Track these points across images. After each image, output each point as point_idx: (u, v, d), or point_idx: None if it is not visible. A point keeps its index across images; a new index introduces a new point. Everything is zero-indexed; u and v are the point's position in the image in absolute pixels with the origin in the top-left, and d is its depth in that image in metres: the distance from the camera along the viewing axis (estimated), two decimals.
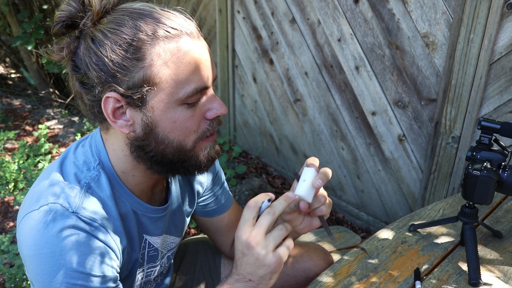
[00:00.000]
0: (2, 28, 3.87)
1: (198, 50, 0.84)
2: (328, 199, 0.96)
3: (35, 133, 3.19)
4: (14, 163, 2.77)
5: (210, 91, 0.89)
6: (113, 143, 0.92)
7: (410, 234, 1.27)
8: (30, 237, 0.83)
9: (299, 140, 2.74)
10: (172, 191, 1.08)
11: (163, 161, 0.89)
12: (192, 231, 2.45)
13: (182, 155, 0.89)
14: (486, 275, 1.11)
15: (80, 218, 0.84)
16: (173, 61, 0.81)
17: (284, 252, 0.84)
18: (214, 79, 0.90)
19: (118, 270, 0.92)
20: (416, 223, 1.29)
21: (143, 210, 0.97)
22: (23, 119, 3.74)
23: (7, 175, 2.66)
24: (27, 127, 3.61)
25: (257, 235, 0.82)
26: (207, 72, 0.86)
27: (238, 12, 2.79)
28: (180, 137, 0.87)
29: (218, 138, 3.22)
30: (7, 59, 4.73)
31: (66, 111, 3.83)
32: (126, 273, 0.99)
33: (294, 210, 0.95)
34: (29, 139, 3.39)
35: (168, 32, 0.81)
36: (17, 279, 1.85)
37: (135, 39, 0.79)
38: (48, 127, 3.54)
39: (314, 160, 0.93)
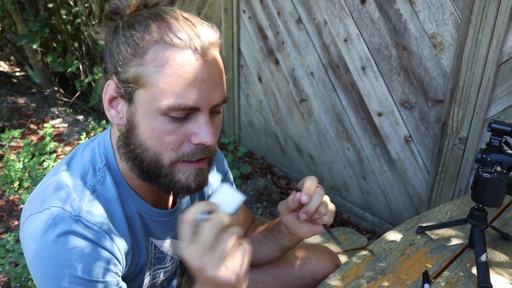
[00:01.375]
0: (7, 27, 3.88)
1: (197, 68, 0.80)
2: (330, 207, 0.98)
3: (41, 132, 3.20)
4: (19, 161, 2.77)
5: (203, 115, 0.82)
6: (115, 140, 0.91)
7: (418, 236, 1.26)
8: (31, 240, 0.83)
9: (304, 140, 2.73)
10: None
11: (141, 167, 0.86)
12: None
13: (157, 169, 0.85)
14: (495, 278, 1.10)
15: (82, 223, 0.83)
16: (165, 69, 0.79)
17: (236, 265, 0.74)
18: (217, 105, 0.85)
19: (120, 274, 0.91)
20: (424, 225, 1.29)
21: (148, 213, 0.96)
22: (28, 118, 3.74)
23: (12, 173, 2.66)
24: (32, 126, 3.61)
25: (199, 254, 0.72)
26: (201, 93, 0.81)
27: (244, 11, 2.78)
28: (157, 148, 0.83)
29: (223, 138, 3.21)
30: (12, 58, 4.74)
31: (71, 110, 3.83)
32: (133, 276, 0.99)
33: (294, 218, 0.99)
34: (34, 138, 3.40)
35: (172, 40, 0.79)
36: (23, 279, 1.85)
37: (140, 36, 0.80)
38: (53, 126, 3.54)
39: (312, 180, 0.97)
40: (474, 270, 1.13)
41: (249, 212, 1.29)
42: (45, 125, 3.18)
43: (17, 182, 2.67)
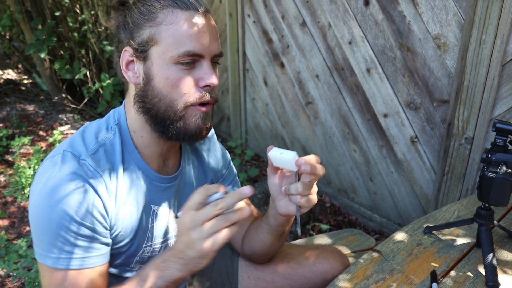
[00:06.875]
0: (15, 35, 3.93)
1: (200, 23, 0.96)
2: (312, 191, 0.97)
3: (50, 139, 3.23)
4: (29, 168, 2.81)
5: (207, 62, 0.98)
6: (129, 102, 1.03)
7: (425, 236, 1.27)
8: (39, 174, 0.94)
9: (310, 142, 2.75)
10: (184, 166, 1.14)
11: (157, 116, 0.98)
12: None
13: (172, 114, 0.97)
14: (503, 277, 1.11)
15: (87, 166, 0.94)
16: (174, 25, 0.94)
17: (215, 241, 0.85)
18: (217, 56, 1.00)
19: (108, 229, 0.98)
20: (431, 225, 1.30)
21: (150, 176, 1.04)
22: (37, 125, 3.79)
23: (23, 180, 2.70)
24: (41, 133, 3.65)
25: (196, 221, 0.85)
26: (205, 42, 0.96)
27: (249, 16, 2.80)
28: (172, 95, 0.96)
29: (230, 142, 3.23)
30: (20, 65, 4.79)
31: (79, 116, 3.87)
32: (128, 241, 1.04)
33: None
34: (43, 144, 3.44)
35: (177, 3, 0.95)
36: (36, 283, 1.88)
37: (150, 4, 0.96)
38: (62, 132, 3.58)
39: (316, 157, 0.98)
40: (481, 269, 1.14)
41: (253, 208, 1.32)
42: (55, 132, 3.22)
43: (28, 189, 2.71)
